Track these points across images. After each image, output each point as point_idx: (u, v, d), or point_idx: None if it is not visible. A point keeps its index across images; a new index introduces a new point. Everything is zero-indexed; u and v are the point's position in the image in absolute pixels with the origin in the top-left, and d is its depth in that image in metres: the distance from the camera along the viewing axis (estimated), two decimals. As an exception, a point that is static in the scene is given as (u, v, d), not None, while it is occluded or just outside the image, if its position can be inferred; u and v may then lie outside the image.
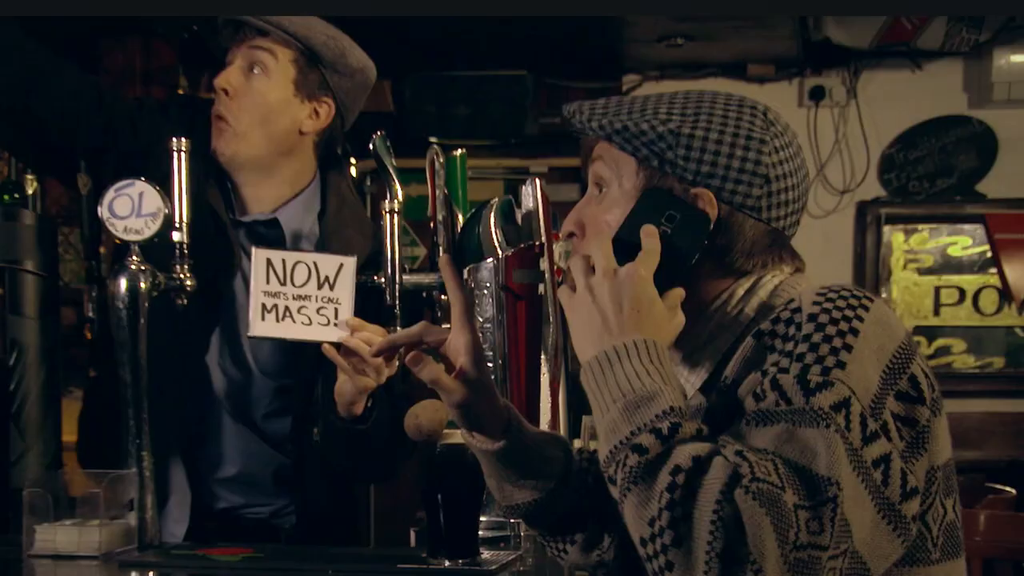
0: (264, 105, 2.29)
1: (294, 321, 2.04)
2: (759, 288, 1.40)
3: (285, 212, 2.33)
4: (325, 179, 2.39)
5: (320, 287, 2.06)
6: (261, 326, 2.04)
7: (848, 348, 1.23)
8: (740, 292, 1.40)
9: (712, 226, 1.37)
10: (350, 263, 2.07)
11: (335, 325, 2.06)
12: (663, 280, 1.34)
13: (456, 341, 1.43)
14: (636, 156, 1.41)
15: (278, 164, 2.33)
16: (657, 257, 1.34)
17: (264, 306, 2.04)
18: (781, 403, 1.21)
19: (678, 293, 1.36)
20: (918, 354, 1.29)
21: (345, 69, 2.35)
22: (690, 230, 1.37)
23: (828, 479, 1.15)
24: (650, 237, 1.35)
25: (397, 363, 1.99)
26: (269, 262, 2.05)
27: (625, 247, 1.35)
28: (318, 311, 2.05)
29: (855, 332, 1.24)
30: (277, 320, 2.04)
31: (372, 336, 2.04)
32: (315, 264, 2.06)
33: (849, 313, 1.26)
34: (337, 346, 2.06)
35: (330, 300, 2.05)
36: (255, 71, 2.28)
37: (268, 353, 2.28)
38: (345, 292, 2.05)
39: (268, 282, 2.04)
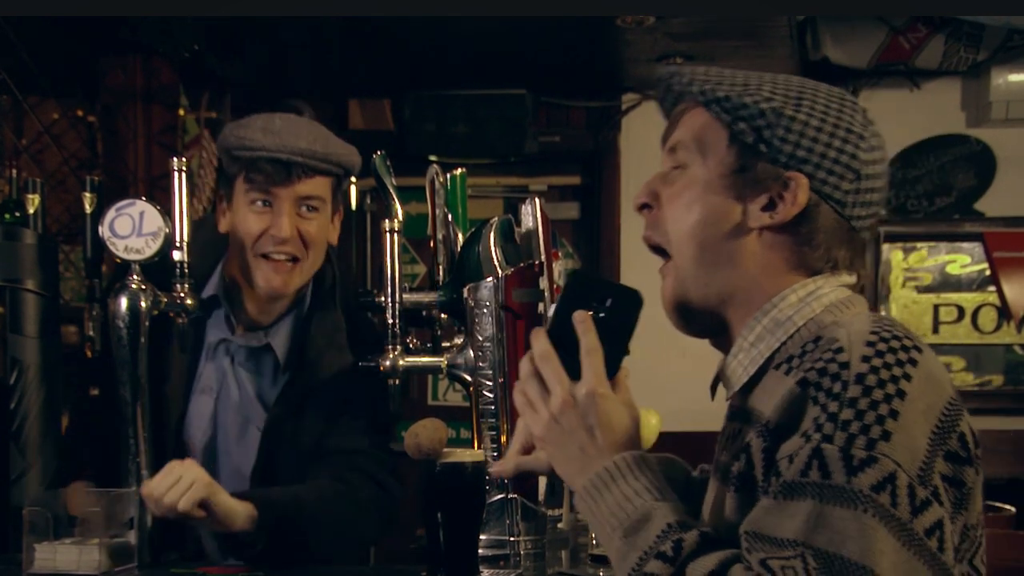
0: (324, 241, 2.30)
1: None
2: (813, 300, 1.36)
3: (281, 329, 2.32)
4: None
5: None
6: None
7: (895, 414, 1.18)
8: (793, 299, 1.36)
9: (640, 307, 1.35)
10: None
11: None
12: (605, 384, 1.32)
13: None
14: (732, 129, 1.38)
15: None
16: (600, 353, 1.33)
17: None
18: (817, 475, 1.17)
19: (624, 374, 1.35)
20: (964, 408, 1.25)
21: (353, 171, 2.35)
22: (624, 306, 1.35)
23: (862, 566, 1.12)
24: (584, 326, 1.33)
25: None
26: None
27: (560, 337, 1.33)
28: None
29: (902, 394, 1.20)
30: None
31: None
32: None
33: (897, 371, 1.21)
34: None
35: None
36: (306, 211, 2.24)
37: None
38: None
39: None
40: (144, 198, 2.04)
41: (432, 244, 2.20)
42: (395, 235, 2.11)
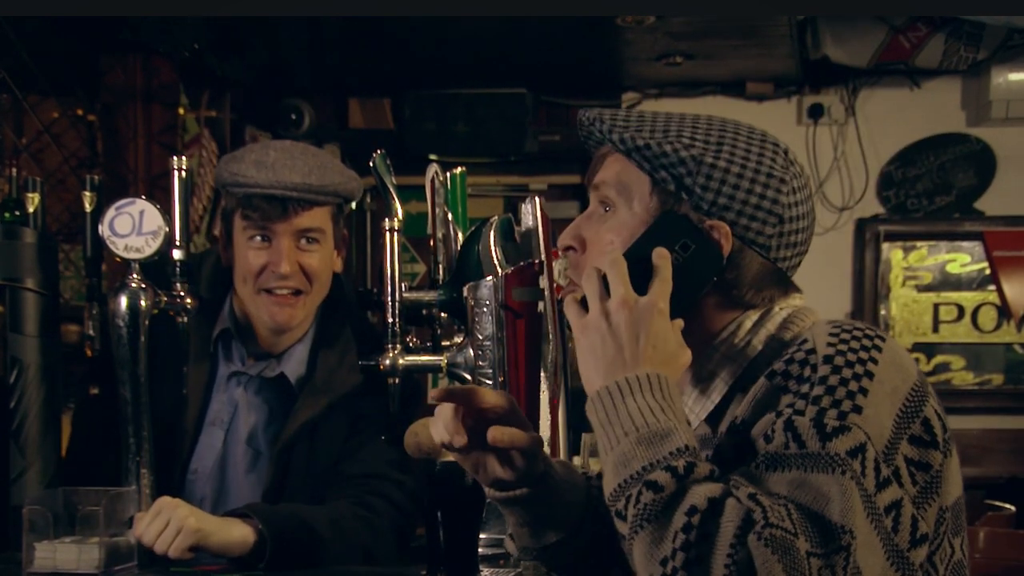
0: (328, 270, 2.27)
1: None
2: (767, 320, 1.38)
3: (293, 356, 2.30)
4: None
5: None
6: None
7: (864, 391, 1.21)
8: (748, 324, 1.38)
9: (724, 261, 1.35)
10: None
11: None
12: (668, 309, 1.31)
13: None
14: (653, 176, 1.37)
15: None
16: (670, 286, 1.31)
17: None
18: (795, 447, 1.19)
19: (678, 325, 1.32)
20: (931, 394, 1.28)
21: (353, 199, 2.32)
22: (703, 262, 1.35)
23: (842, 527, 1.14)
24: (663, 262, 1.32)
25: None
26: None
27: (633, 265, 1.32)
28: None
29: (870, 375, 1.23)
30: None
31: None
32: None
33: (864, 355, 1.24)
34: None
35: None
36: (306, 243, 2.22)
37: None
38: None
39: None
40: (144, 197, 2.04)
41: (432, 243, 2.20)
42: (395, 234, 2.10)
